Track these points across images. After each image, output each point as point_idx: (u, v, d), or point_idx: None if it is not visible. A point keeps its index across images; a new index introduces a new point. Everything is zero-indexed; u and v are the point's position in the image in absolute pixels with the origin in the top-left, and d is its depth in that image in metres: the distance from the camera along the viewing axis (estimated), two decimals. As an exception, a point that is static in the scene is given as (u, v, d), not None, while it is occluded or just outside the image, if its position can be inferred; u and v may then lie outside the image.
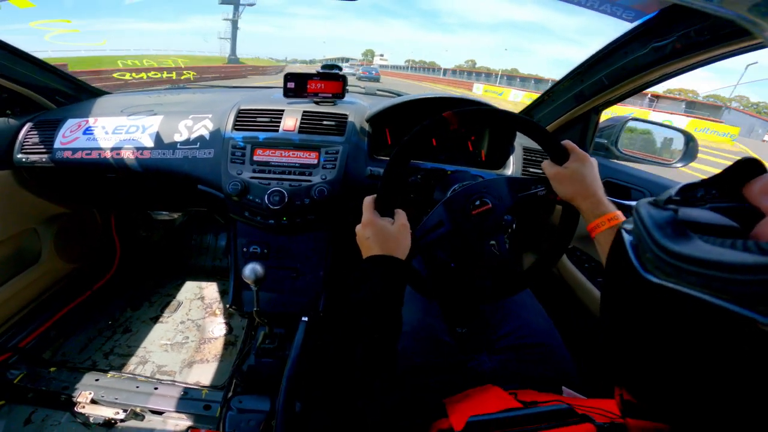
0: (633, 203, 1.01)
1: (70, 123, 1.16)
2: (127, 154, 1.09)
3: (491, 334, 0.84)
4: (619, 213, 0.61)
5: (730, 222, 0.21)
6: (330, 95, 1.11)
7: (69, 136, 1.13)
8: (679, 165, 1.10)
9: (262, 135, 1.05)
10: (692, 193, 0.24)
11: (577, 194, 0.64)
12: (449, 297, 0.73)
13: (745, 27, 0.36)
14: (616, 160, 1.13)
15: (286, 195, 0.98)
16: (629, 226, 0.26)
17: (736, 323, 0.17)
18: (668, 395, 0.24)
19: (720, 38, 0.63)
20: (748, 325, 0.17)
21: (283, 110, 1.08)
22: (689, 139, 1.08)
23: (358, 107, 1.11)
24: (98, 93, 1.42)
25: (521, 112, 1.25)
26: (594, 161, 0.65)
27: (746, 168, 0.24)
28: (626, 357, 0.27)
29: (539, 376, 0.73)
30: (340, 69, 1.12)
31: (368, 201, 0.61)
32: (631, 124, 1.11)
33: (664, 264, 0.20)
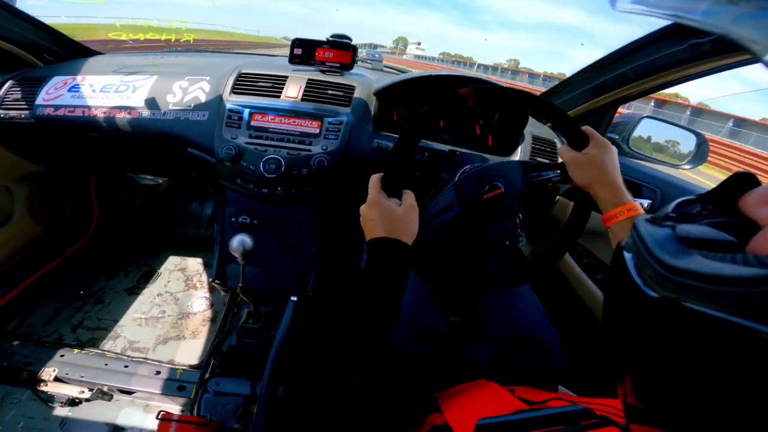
0: (645, 201, 0.97)
1: (56, 80, 1.09)
2: (113, 113, 1.03)
3: (486, 323, 0.82)
4: (638, 204, 0.57)
5: (728, 237, 0.21)
6: (338, 65, 1.06)
7: (52, 93, 1.07)
8: (688, 167, 1.08)
9: (261, 100, 0.99)
10: (688, 209, 0.25)
11: (595, 181, 0.60)
12: (447, 282, 0.70)
13: (737, 42, 0.33)
14: (625, 157, 1.10)
15: (284, 163, 0.92)
16: (629, 241, 0.26)
17: (737, 334, 0.17)
18: (671, 403, 0.24)
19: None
20: (750, 335, 0.17)
21: (286, 76, 1.03)
22: (701, 141, 1.06)
23: (366, 80, 1.07)
24: (91, 53, 1.34)
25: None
26: (614, 149, 0.61)
27: (741, 181, 0.24)
28: (630, 364, 0.27)
29: (531, 369, 0.73)
30: (351, 39, 1.07)
31: (375, 179, 0.56)
32: (645, 121, 1.08)
33: (664, 280, 0.21)
